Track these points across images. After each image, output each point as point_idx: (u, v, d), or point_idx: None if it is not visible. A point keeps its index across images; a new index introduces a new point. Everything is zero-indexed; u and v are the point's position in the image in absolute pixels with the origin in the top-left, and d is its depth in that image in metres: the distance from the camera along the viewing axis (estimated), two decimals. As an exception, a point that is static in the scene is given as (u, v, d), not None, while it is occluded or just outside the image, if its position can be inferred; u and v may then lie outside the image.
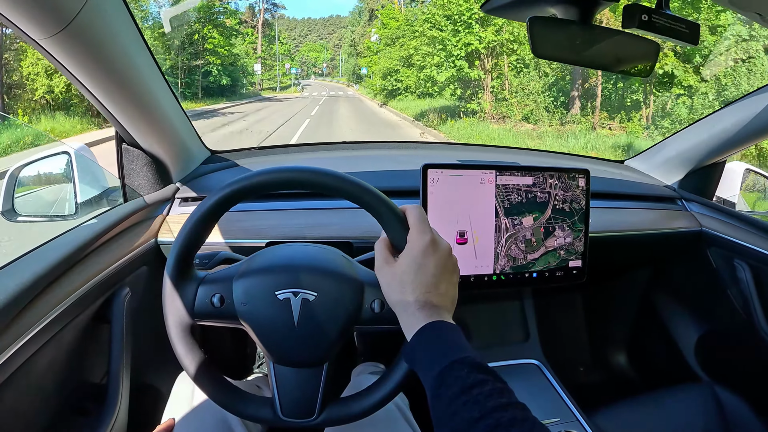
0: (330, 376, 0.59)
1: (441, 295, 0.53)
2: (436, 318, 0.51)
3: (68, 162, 0.94)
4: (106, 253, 0.79)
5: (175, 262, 0.55)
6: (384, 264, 0.55)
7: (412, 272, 0.52)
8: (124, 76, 0.74)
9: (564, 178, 0.88)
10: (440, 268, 0.53)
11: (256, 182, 0.53)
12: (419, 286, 0.52)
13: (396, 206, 0.55)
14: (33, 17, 0.57)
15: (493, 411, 0.41)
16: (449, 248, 0.55)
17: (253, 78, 30.77)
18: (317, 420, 0.58)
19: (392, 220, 0.54)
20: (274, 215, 0.93)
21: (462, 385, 0.44)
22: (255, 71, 31.18)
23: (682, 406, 1.01)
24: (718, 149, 1.14)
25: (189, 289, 0.56)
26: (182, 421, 0.70)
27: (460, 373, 0.45)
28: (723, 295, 1.13)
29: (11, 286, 0.58)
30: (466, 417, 0.41)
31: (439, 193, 0.80)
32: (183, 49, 18.88)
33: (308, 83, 52.64)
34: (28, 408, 0.64)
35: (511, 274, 0.86)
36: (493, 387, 0.43)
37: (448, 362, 0.46)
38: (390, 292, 0.54)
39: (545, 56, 0.73)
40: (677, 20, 0.70)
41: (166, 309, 0.56)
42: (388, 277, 0.54)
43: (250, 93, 27.10)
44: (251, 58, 31.51)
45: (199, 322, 0.57)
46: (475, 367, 0.45)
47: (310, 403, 0.58)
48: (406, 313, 0.52)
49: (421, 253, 0.52)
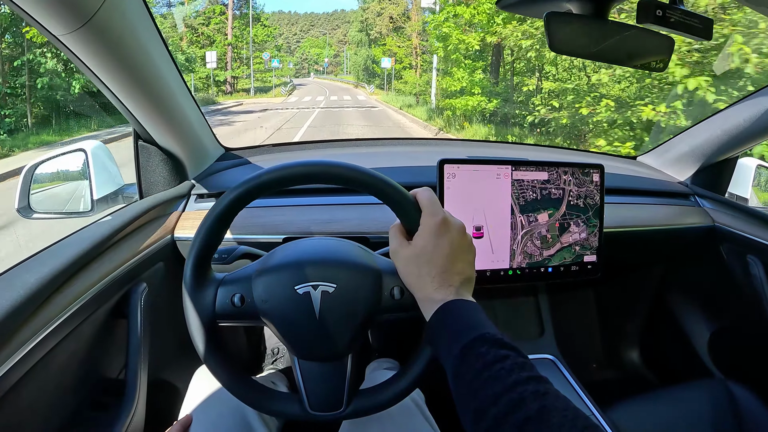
0: (355, 368, 0.59)
1: (458, 274, 0.53)
2: (454, 297, 0.51)
3: (84, 159, 0.95)
4: (123, 249, 0.80)
5: (193, 265, 0.56)
6: (399, 248, 0.55)
7: (426, 253, 0.52)
8: (142, 73, 0.74)
9: (578, 173, 0.88)
10: (455, 247, 0.53)
11: (266, 180, 0.54)
12: (435, 266, 0.52)
13: (406, 191, 0.55)
14: (54, 13, 0.57)
15: (516, 385, 0.40)
16: (463, 227, 0.55)
17: (199, 72, 20.45)
18: (346, 412, 0.58)
19: (403, 204, 0.55)
20: (291, 211, 0.94)
21: (483, 361, 0.43)
22: (209, 64, 20.71)
23: (695, 402, 1.00)
24: (731, 145, 1.14)
25: (209, 291, 0.56)
26: (200, 416, 0.71)
27: (480, 350, 0.44)
28: (736, 291, 1.13)
29: (30, 282, 0.58)
30: (489, 393, 0.41)
31: (456, 188, 0.80)
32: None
33: (303, 83, 43.68)
34: (46, 403, 0.64)
35: (527, 268, 0.86)
36: (515, 362, 0.43)
37: (468, 340, 0.46)
38: (407, 275, 0.54)
39: (562, 51, 0.74)
40: (691, 15, 0.70)
41: (188, 312, 0.56)
42: (403, 261, 0.54)
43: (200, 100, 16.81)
44: (206, 47, 22.39)
45: (221, 323, 0.57)
46: (495, 343, 0.45)
47: (337, 396, 0.58)
48: (425, 295, 0.53)
49: (434, 233, 0.53)
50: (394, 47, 27.56)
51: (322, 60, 61.26)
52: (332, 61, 62.17)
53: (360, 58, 35.51)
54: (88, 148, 0.95)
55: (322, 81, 49.37)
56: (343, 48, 60.31)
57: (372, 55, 32.12)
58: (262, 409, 0.59)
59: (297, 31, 78.50)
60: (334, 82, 47.54)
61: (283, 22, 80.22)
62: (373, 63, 31.40)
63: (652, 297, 1.34)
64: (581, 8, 0.71)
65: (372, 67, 32.41)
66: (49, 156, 0.97)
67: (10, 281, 0.58)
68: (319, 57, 62.65)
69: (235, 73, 25.00)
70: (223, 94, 22.96)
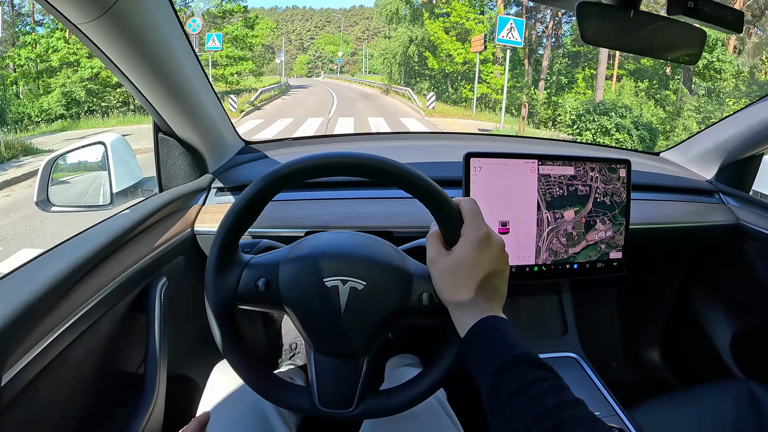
0: (370, 368, 0.58)
1: (493, 290, 0.52)
2: (489, 313, 0.50)
3: (104, 153, 0.94)
4: (143, 243, 0.79)
5: (221, 243, 0.54)
6: (437, 257, 0.54)
7: (466, 267, 0.51)
8: (162, 63, 0.73)
9: (605, 169, 0.86)
10: (494, 264, 0.52)
11: (319, 163, 0.52)
12: (473, 281, 0.51)
13: (450, 198, 0.54)
14: (74, 1, 0.56)
15: (554, 409, 0.40)
16: (503, 243, 0.54)
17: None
18: (354, 412, 0.57)
19: (447, 213, 0.53)
20: (314, 205, 0.93)
21: (521, 383, 0.43)
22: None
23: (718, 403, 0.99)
24: (756, 142, 1.12)
25: (233, 271, 0.55)
26: (218, 412, 0.70)
27: (518, 371, 0.44)
28: (759, 290, 1.11)
29: (50, 275, 0.57)
30: (527, 416, 0.40)
31: (482, 183, 0.79)
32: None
33: (305, 84, 31.69)
34: (65, 397, 0.64)
35: (552, 265, 0.84)
36: (552, 384, 0.42)
37: (504, 360, 0.45)
38: (442, 286, 0.53)
39: (594, 42, 0.73)
40: (722, 8, 0.70)
41: (208, 290, 0.55)
42: (441, 271, 0.53)
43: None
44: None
45: (241, 305, 0.56)
46: (533, 365, 0.44)
47: (348, 394, 0.57)
48: (459, 308, 0.52)
49: (476, 247, 0.51)
50: (469, 15, 14.81)
51: (336, 58, 55.86)
52: (349, 60, 57.63)
53: (397, 44, 20.11)
54: (107, 141, 0.94)
55: (333, 82, 37.92)
56: (361, 45, 55.76)
57: (421, 38, 18.16)
58: (269, 398, 0.58)
59: (311, 27, 76.11)
60: (351, 83, 33.44)
61: (297, 18, 78.54)
62: (428, 50, 17.91)
63: (675, 295, 1.32)
64: (612, -2, 0.70)
65: (416, 67, 18.76)
66: (69, 149, 0.96)
67: (29, 275, 0.58)
68: (334, 55, 57.56)
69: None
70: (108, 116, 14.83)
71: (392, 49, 20.79)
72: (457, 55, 16.51)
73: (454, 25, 16.53)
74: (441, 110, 14.97)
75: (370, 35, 64.18)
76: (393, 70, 21.22)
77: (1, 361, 0.49)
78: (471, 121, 14.61)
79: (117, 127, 13.34)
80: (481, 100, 14.90)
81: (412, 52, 19.46)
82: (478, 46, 14.55)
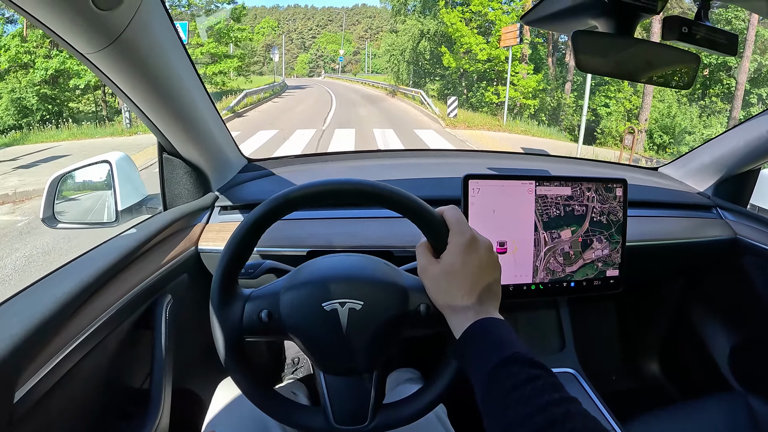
0: (379, 383, 0.60)
1: (486, 292, 0.53)
2: (484, 315, 0.51)
3: (109, 171, 0.96)
4: (148, 261, 0.81)
5: (221, 280, 0.56)
6: (427, 265, 0.55)
7: (455, 272, 0.53)
8: (166, 87, 0.75)
9: (601, 189, 0.88)
10: (483, 265, 0.53)
11: (293, 197, 0.54)
12: (464, 284, 0.52)
13: (433, 209, 0.56)
14: (81, 33, 0.58)
15: (547, 406, 0.40)
16: (490, 245, 0.56)
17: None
18: (370, 426, 0.59)
19: (431, 223, 0.55)
20: (315, 224, 0.94)
21: (514, 381, 0.43)
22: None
23: (715, 415, 1.00)
24: (753, 157, 1.13)
25: (236, 306, 0.57)
26: (223, 428, 0.72)
27: (512, 370, 0.44)
28: (757, 304, 1.12)
29: (60, 294, 0.59)
30: (520, 413, 0.41)
31: (480, 204, 0.80)
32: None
33: (303, 84, 29.38)
34: (73, 412, 0.65)
35: (549, 284, 0.86)
36: (546, 382, 0.43)
37: (498, 359, 0.46)
38: (435, 294, 0.55)
39: (589, 70, 0.74)
40: (716, 32, 0.70)
41: (215, 327, 0.57)
42: (432, 279, 0.55)
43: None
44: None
45: (248, 338, 0.58)
46: (526, 363, 0.45)
47: (362, 410, 0.59)
48: (453, 312, 0.53)
49: (462, 251, 0.53)
50: (493, 4, 12.29)
51: (337, 56, 53.89)
52: (351, 59, 56.17)
53: (406, 38, 16.99)
54: (112, 160, 0.96)
55: (335, 82, 36.30)
56: (364, 44, 54.22)
57: (434, 31, 15.17)
58: (287, 423, 0.60)
59: (313, 26, 74.77)
60: (353, 83, 31.72)
61: (299, 16, 77.49)
62: (443, 44, 14.67)
63: (673, 310, 1.33)
64: (606, 25, 0.71)
65: (434, 56, 15.48)
66: (74, 167, 0.98)
67: (38, 295, 0.59)
68: (336, 54, 56.02)
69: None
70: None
71: (400, 45, 17.81)
72: (479, 51, 13.71)
73: (475, 15, 13.70)
74: (463, 118, 12.77)
75: (372, 34, 63.20)
76: (401, 69, 18.36)
77: (14, 378, 0.50)
78: (504, 134, 11.92)
79: (65, 142, 10.85)
80: (500, 105, 12.98)
81: (423, 48, 16.60)
82: (511, 40, 12.24)
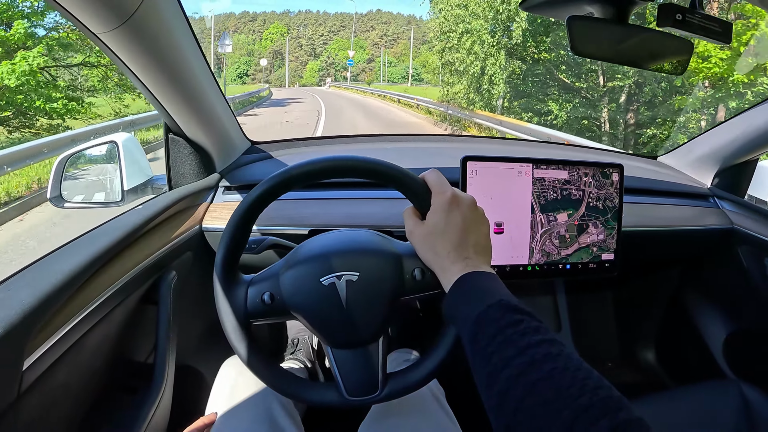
0: (386, 351, 0.62)
1: (472, 246, 0.54)
2: (471, 269, 0.52)
3: (116, 151, 0.98)
4: (153, 239, 0.83)
5: (222, 266, 0.59)
6: (414, 228, 0.57)
7: (439, 229, 0.54)
8: (176, 69, 0.77)
9: (598, 174, 0.89)
10: (467, 220, 0.55)
11: (278, 180, 0.56)
12: (449, 241, 0.54)
13: (415, 175, 0.58)
14: (94, 12, 0.59)
15: (527, 348, 0.41)
16: (473, 200, 0.57)
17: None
18: (382, 395, 0.61)
19: (413, 187, 0.57)
20: (316, 204, 0.96)
21: (497, 326, 0.44)
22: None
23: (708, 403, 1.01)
24: (751, 147, 1.14)
25: (239, 292, 0.59)
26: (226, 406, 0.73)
27: (495, 315, 0.45)
28: (753, 294, 1.13)
29: (68, 267, 0.61)
30: (501, 356, 0.41)
31: (478, 185, 0.82)
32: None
33: (295, 97, 22.46)
34: (79, 381, 0.67)
35: (545, 265, 0.87)
36: (528, 325, 0.43)
37: (483, 307, 0.46)
38: (424, 253, 0.56)
39: (584, 54, 0.75)
40: (711, 19, 0.71)
41: (221, 313, 0.59)
42: (419, 239, 0.57)
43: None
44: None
45: (254, 321, 0.60)
46: (510, 308, 0.45)
47: (372, 380, 0.61)
48: (442, 269, 0.54)
49: (445, 209, 0.55)
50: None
51: (346, 62, 48.34)
52: (365, 67, 51.23)
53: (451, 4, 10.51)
54: (119, 140, 0.98)
55: (341, 94, 26.77)
56: (379, 51, 50.77)
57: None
58: (299, 399, 0.62)
59: (324, 32, 72.56)
60: (365, 96, 23.37)
61: (310, 22, 75.41)
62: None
63: (669, 298, 1.34)
64: (602, 11, 0.72)
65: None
66: (82, 147, 1.00)
67: (47, 268, 0.61)
68: (347, 59, 52.21)
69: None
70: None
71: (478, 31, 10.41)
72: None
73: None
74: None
75: (388, 41, 61.66)
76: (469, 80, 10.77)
77: (23, 344, 0.52)
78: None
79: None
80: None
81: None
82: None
